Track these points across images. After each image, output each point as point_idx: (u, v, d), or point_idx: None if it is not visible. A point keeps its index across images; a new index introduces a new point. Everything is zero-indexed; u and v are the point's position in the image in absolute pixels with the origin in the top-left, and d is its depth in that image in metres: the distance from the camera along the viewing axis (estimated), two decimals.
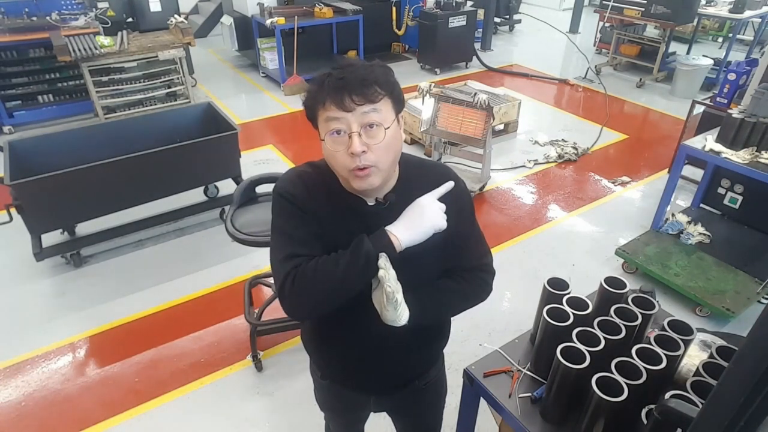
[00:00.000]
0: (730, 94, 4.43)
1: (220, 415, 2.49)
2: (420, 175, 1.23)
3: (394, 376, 1.41)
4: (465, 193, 1.27)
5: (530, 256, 3.56)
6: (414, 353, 1.37)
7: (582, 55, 7.40)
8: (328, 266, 1.09)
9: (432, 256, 1.23)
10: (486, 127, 3.95)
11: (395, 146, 1.11)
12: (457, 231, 1.23)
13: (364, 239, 1.10)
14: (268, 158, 4.77)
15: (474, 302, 1.31)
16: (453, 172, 1.28)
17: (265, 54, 6.50)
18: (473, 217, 1.31)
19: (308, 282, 1.09)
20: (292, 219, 1.17)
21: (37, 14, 5.08)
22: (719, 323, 2.96)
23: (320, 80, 1.07)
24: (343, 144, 1.06)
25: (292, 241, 1.15)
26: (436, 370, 1.51)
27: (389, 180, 1.18)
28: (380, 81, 1.06)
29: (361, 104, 1.04)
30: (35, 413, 2.49)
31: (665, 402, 1.08)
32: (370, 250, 1.08)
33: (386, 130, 1.07)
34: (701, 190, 3.64)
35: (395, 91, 1.11)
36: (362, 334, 1.28)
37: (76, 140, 3.49)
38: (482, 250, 1.33)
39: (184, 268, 3.41)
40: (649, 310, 1.45)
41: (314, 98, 1.08)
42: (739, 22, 6.40)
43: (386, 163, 1.10)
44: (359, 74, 1.04)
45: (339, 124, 1.05)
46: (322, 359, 1.46)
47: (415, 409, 1.58)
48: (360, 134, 1.05)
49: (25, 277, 3.33)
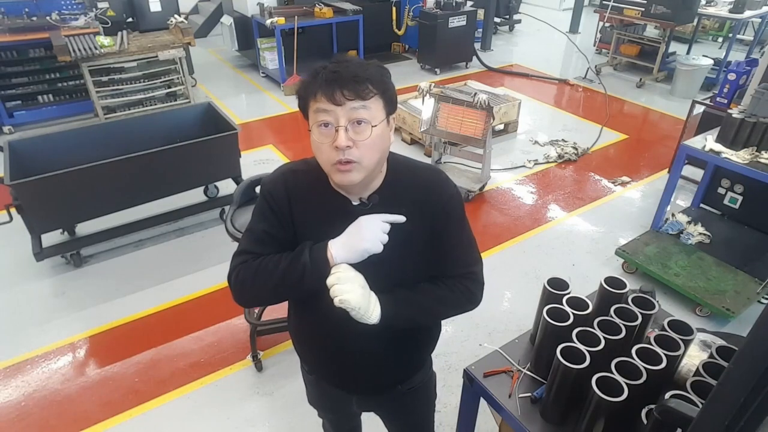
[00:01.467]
0: (730, 94, 4.43)
1: (220, 415, 2.49)
2: (410, 177, 1.23)
3: (374, 378, 1.40)
4: (454, 198, 1.24)
5: (530, 256, 3.56)
6: (395, 357, 1.36)
7: (582, 55, 7.40)
8: (269, 267, 1.16)
9: (410, 260, 1.23)
10: (486, 127, 3.95)
11: (381, 146, 1.12)
12: (442, 237, 1.23)
13: (305, 250, 1.14)
14: (268, 158, 4.77)
15: (456, 311, 1.28)
16: (444, 175, 1.26)
17: (265, 54, 6.50)
18: (463, 223, 1.27)
19: (248, 280, 1.18)
20: (260, 216, 1.23)
21: (37, 14, 5.08)
22: (719, 323, 2.96)
23: (315, 72, 1.08)
24: (329, 137, 1.07)
25: (250, 238, 1.23)
26: (422, 376, 1.50)
27: (374, 180, 1.18)
28: (373, 79, 1.07)
29: (351, 99, 1.05)
30: (35, 413, 2.49)
31: (665, 402, 1.08)
32: (307, 262, 1.12)
33: (373, 128, 1.08)
34: (701, 190, 3.64)
35: (388, 92, 1.11)
36: (342, 334, 1.28)
37: (76, 140, 3.49)
38: (470, 258, 1.29)
39: (184, 268, 3.41)
40: (649, 310, 1.45)
41: (307, 89, 1.09)
42: (739, 22, 6.40)
43: (370, 161, 1.10)
44: (353, 70, 1.05)
45: (327, 117, 1.06)
46: (305, 355, 1.47)
47: (399, 412, 1.58)
48: (347, 129, 1.06)
49: (25, 277, 3.34)
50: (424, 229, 1.21)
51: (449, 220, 1.24)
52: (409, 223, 1.18)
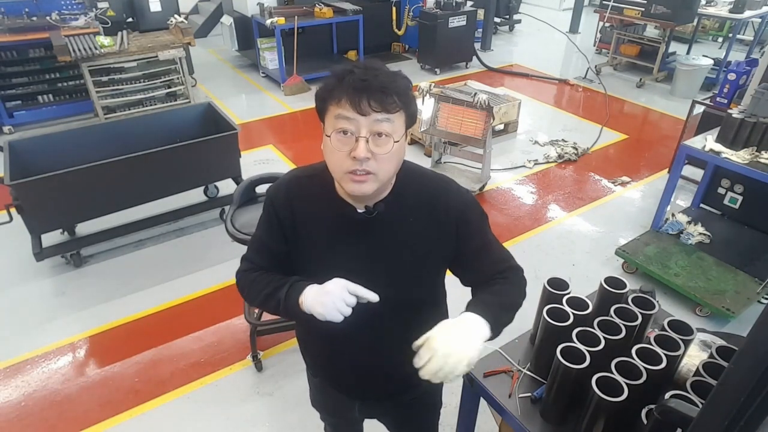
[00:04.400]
0: (730, 94, 4.43)
1: (220, 415, 2.49)
2: (419, 186, 1.21)
3: (379, 386, 1.39)
4: (470, 206, 1.23)
5: (530, 256, 3.56)
6: (404, 368, 1.34)
7: (582, 55, 7.40)
8: (258, 287, 1.23)
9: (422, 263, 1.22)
10: (486, 127, 3.95)
11: (398, 159, 1.10)
12: (473, 244, 1.22)
13: (285, 286, 1.17)
14: (268, 158, 4.77)
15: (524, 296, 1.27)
16: (454, 184, 1.24)
17: (265, 54, 6.50)
18: (486, 225, 1.26)
19: (244, 290, 1.29)
20: (266, 223, 1.26)
21: (37, 14, 5.08)
22: (719, 323, 2.96)
23: (340, 75, 1.03)
24: (347, 145, 1.04)
25: (252, 245, 1.31)
26: (427, 386, 1.49)
27: (384, 190, 1.16)
28: (401, 93, 1.04)
29: (377, 111, 1.02)
30: (35, 413, 2.49)
31: (665, 402, 1.08)
32: (281, 299, 1.17)
33: (395, 143, 1.06)
34: (701, 190, 3.64)
35: (411, 107, 1.09)
36: (346, 343, 1.28)
37: (76, 140, 3.49)
38: (505, 253, 1.30)
39: (184, 268, 3.41)
40: (649, 310, 1.45)
41: (330, 92, 1.04)
42: (739, 22, 6.40)
43: (386, 173, 1.08)
44: (382, 81, 1.02)
45: (349, 125, 1.02)
46: (311, 358, 1.47)
47: (403, 420, 1.57)
48: (367, 140, 1.03)
49: (25, 277, 3.33)
50: (439, 233, 1.19)
51: (471, 226, 1.22)
52: (419, 229, 1.18)
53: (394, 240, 1.18)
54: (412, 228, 1.18)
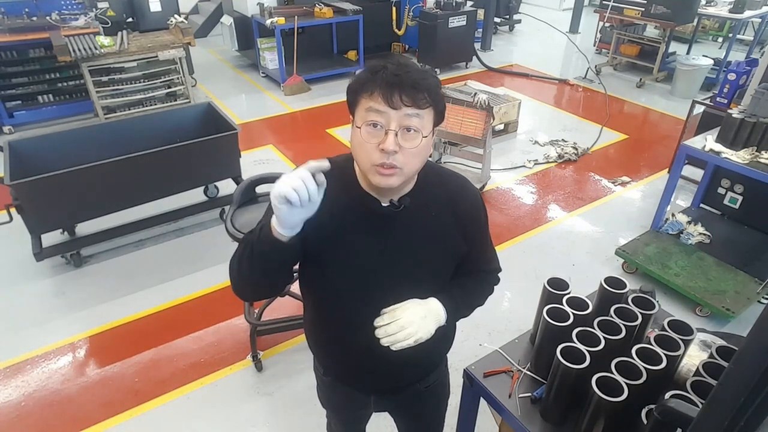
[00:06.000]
0: (730, 94, 4.42)
1: (220, 415, 2.49)
2: (439, 183, 1.26)
3: (394, 378, 1.41)
4: (481, 206, 1.31)
5: (530, 256, 3.56)
6: (415, 357, 1.35)
7: (582, 55, 7.40)
8: (237, 253, 1.18)
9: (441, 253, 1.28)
10: (486, 127, 3.95)
11: (424, 155, 1.13)
12: (474, 240, 1.30)
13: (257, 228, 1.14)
14: (268, 158, 4.77)
15: (489, 295, 1.41)
16: (470, 183, 1.32)
17: (265, 54, 6.50)
18: (487, 226, 1.35)
19: (234, 260, 1.19)
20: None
21: (37, 14, 5.07)
22: (719, 323, 2.96)
23: (374, 69, 1.07)
24: (377, 137, 1.07)
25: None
26: (438, 374, 1.51)
27: (407, 184, 1.19)
28: (431, 90, 1.07)
29: (408, 105, 1.05)
30: (35, 413, 2.49)
31: (665, 402, 1.08)
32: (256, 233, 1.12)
33: (423, 138, 1.08)
34: (701, 190, 3.64)
35: (440, 105, 1.12)
36: (362, 336, 1.27)
37: (76, 140, 3.49)
38: (494, 256, 1.41)
39: (184, 268, 3.41)
40: (649, 310, 1.45)
41: (363, 85, 1.08)
42: (739, 22, 6.40)
43: (412, 168, 1.11)
44: (414, 77, 1.05)
45: (380, 117, 1.05)
46: (323, 356, 1.47)
47: (416, 411, 1.58)
48: (396, 134, 1.06)
49: (25, 277, 3.33)
50: (456, 229, 1.26)
51: (476, 223, 1.30)
52: (442, 221, 1.23)
53: (418, 234, 1.22)
54: (435, 222, 1.23)
